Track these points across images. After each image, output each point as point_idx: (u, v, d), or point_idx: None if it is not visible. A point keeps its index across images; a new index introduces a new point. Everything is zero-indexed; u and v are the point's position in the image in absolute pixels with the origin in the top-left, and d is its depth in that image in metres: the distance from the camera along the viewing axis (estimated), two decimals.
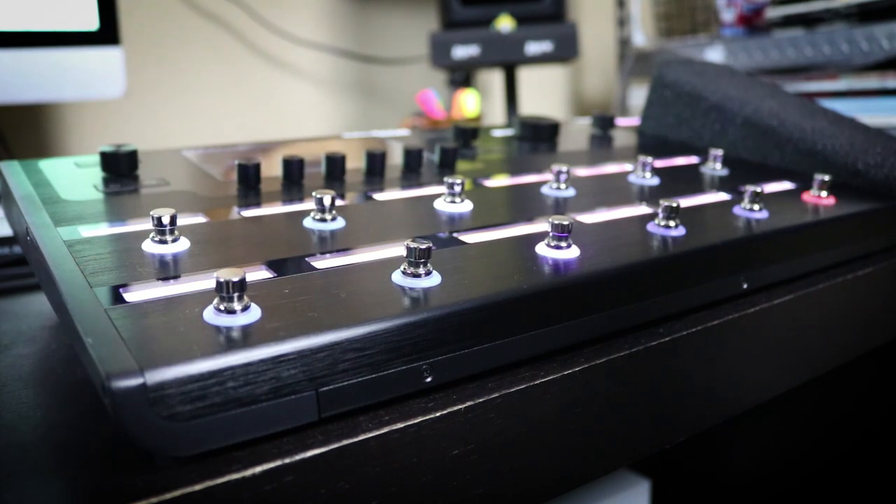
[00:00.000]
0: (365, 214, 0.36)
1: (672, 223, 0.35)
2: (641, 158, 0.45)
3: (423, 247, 0.27)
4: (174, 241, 0.29)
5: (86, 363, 0.22)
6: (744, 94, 0.55)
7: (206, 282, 0.26)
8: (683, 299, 0.34)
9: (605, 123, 0.59)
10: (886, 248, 0.45)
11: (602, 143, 0.56)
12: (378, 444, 0.24)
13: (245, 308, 0.24)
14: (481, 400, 0.26)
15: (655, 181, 0.45)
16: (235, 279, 0.23)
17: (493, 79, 1.17)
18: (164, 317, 0.23)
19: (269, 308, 0.24)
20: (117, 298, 0.25)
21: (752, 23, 0.97)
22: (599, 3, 1.27)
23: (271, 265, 0.28)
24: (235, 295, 0.23)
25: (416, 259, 0.27)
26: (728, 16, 0.99)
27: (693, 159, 0.52)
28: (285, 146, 0.49)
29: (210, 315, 0.23)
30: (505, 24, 0.90)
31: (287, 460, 0.22)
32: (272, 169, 0.41)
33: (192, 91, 0.91)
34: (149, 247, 0.29)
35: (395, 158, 0.46)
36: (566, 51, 0.90)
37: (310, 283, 0.27)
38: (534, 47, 0.89)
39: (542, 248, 0.32)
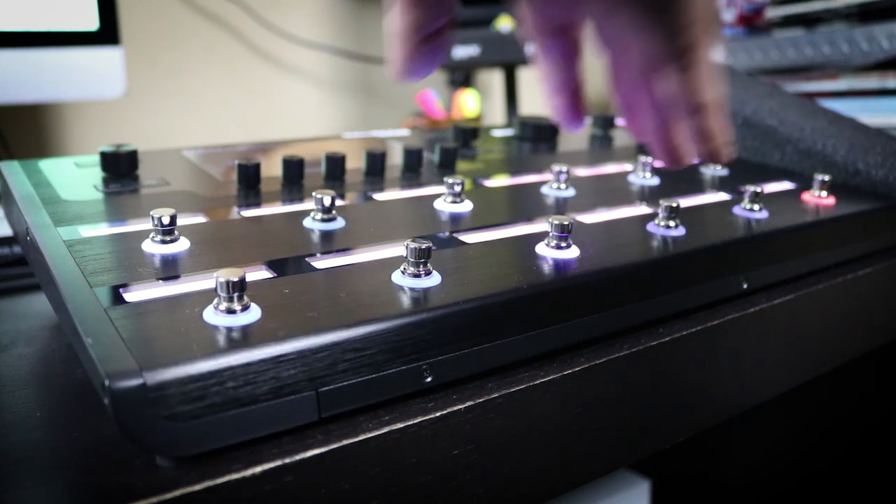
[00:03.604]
0: (365, 214, 0.36)
1: (672, 223, 0.35)
2: (641, 158, 0.45)
3: (423, 247, 0.27)
4: (174, 241, 0.29)
5: (86, 363, 0.22)
6: (744, 94, 0.55)
7: (206, 282, 0.26)
8: (683, 299, 0.34)
9: (605, 123, 0.59)
10: (886, 248, 0.45)
11: (602, 143, 0.56)
12: (378, 444, 0.24)
13: (245, 308, 0.24)
14: (481, 400, 0.26)
15: (655, 181, 0.45)
16: (235, 279, 0.23)
17: (493, 79, 1.17)
18: (164, 317, 0.23)
19: (269, 308, 0.24)
20: (117, 298, 0.25)
21: (752, 23, 0.97)
22: None
23: (271, 265, 0.28)
24: (235, 295, 0.23)
25: (416, 259, 0.27)
26: (728, 16, 0.99)
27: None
28: (285, 146, 0.49)
29: (210, 315, 0.23)
30: (505, 24, 0.90)
31: (287, 460, 0.22)
32: (272, 169, 0.41)
33: (191, 91, 0.91)
34: (149, 247, 0.29)
35: (395, 158, 0.46)
36: None
37: (310, 283, 0.27)
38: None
39: (542, 248, 0.32)
